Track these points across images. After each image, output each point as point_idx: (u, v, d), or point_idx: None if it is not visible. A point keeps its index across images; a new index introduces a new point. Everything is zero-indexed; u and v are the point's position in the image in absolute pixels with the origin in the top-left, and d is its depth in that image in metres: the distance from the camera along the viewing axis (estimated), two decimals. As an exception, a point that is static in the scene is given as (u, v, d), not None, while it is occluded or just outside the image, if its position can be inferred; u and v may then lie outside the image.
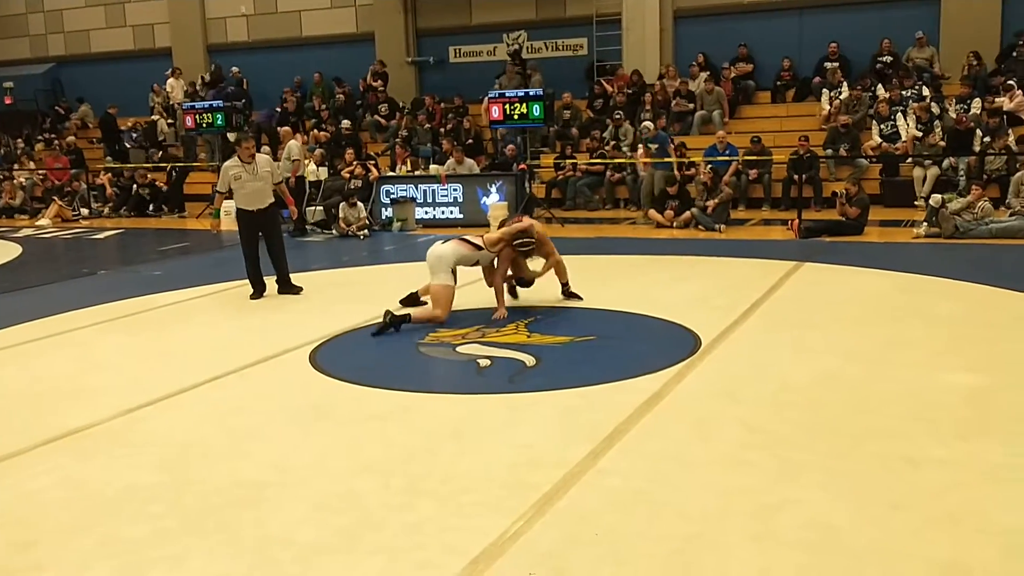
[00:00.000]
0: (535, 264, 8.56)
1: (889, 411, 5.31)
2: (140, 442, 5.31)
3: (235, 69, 21.93)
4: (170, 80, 22.15)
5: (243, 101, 21.29)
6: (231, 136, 18.11)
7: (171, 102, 21.81)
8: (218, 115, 18.47)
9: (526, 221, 8.30)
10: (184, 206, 18.79)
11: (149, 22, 24.19)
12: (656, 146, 14.97)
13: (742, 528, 3.92)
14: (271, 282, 9.47)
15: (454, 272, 7.95)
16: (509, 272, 8.22)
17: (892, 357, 6.42)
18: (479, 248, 8.04)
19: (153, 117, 21.92)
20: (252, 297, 9.23)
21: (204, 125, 18.82)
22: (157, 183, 19.05)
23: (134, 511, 4.34)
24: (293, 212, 10.39)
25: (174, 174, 19.26)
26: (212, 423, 5.59)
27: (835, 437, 4.92)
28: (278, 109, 20.50)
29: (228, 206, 16.59)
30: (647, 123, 15.45)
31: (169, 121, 21.73)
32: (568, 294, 8.59)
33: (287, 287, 9.42)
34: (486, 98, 15.84)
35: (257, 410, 5.81)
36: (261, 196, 9.28)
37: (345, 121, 18.41)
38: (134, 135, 21.66)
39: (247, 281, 9.41)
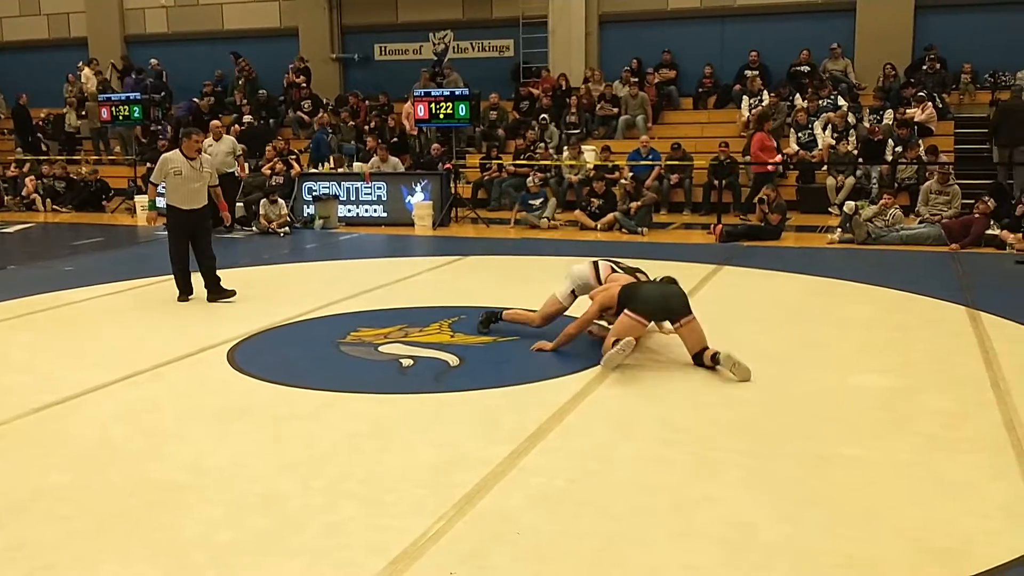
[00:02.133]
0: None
1: (804, 411, 5.45)
2: (50, 442, 5.13)
3: (154, 61, 21.38)
4: (85, 70, 21.48)
5: (163, 94, 20.76)
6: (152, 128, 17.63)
7: (85, 93, 21.14)
8: (135, 107, 17.97)
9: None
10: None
11: (64, 11, 23.42)
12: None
13: (663, 525, 3.97)
14: (198, 284, 8.86)
15: (574, 294, 7.14)
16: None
17: (807, 358, 6.59)
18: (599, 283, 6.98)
19: (63, 110, 21.20)
20: (179, 299, 8.75)
21: (120, 117, 18.27)
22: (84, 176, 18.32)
23: (43, 513, 4.18)
24: (226, 218, 9.81)
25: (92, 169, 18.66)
26: (126, 423, 5.42)
27: (752, 436, 5.03)
28: (196, 100, 20.03)
29: (144, 200, 16.27)
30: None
31: (82, 112, 21.05)
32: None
33: (218, 292, 8.75)
34: (406, 104, 15.75)
35: (173, 409, 5.66)
36: (199, 196, 8.76)
37: (247, 117, 17.88)
38: (42, 125, 20.92)
39: (164, 278, 9.16)
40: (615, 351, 6.11)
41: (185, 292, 8.79)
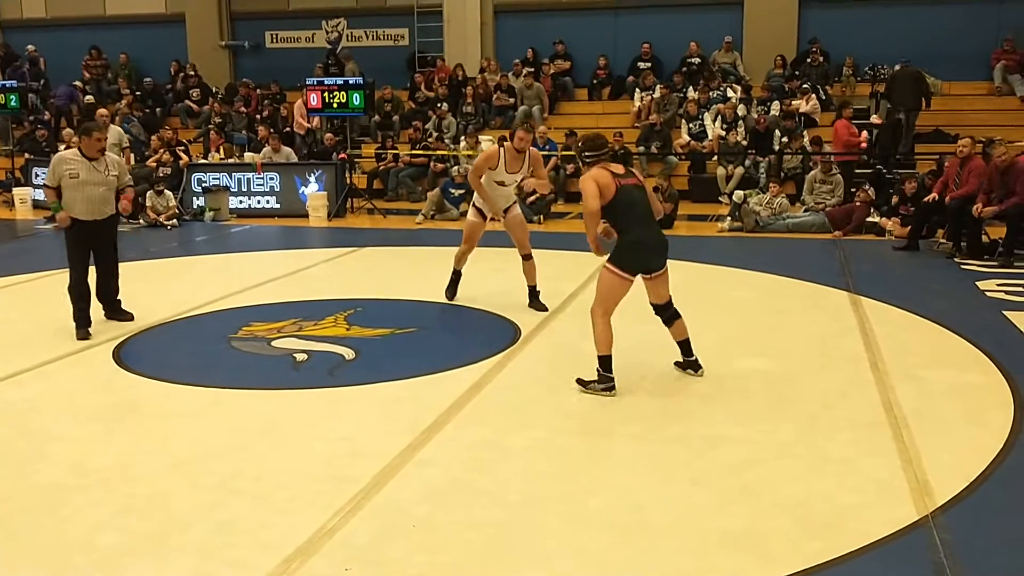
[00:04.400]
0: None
1: (691, 394, 5.62)
2: (-82, 448, 4.88)
3: (31, 47, 20.43)
4: None
5: (40, 82, 19.86)
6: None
7: None
8: (11, 96, 17.13)
9: None
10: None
11: (-68, -8, 22.19)
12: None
13: (556, 511, 4.04)
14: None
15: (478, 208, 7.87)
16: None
17: (694, 343, 6.74)
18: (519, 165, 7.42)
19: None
20: (79, 337, 7.00)
21: (-5, 106, 17.41)
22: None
23: (-90, 524, 3.98)
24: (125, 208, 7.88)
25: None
26: (7, 424, 5.20)
27: (642, 420, 5.15)
28: (77, 84, 19.22)
29: (23, 193, 15.56)
30: None
31: None
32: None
33: (118, 312, 7.55)
34: (297, 102, 15.39)
35: (55, 409, 5.46)
36: (103, 203, 7.24)
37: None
38: None
39: (46, 273, 8.73)
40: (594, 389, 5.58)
41: (83, 325, 7.10)
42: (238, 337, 7.03)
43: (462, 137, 16.67)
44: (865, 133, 14.60)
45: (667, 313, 5.90)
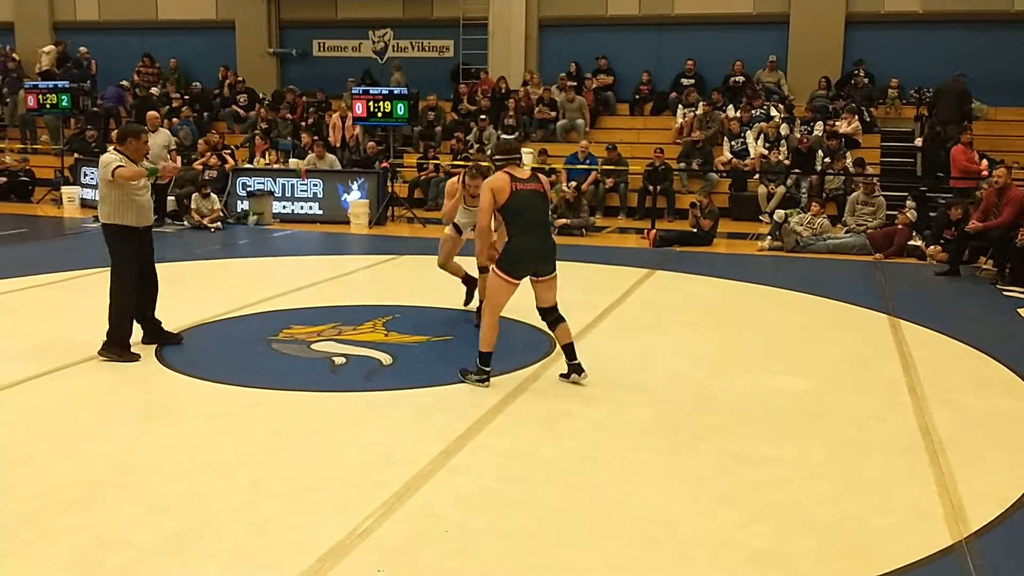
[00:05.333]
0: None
1: (725, 411, 5.60)
2: (-36, 438, 5.02)
3: (83, 49, 20.88)
4: (47, 49, 20.84)
5: (88, 83, 20.29)
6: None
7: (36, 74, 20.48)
8: (63, 96, 17.51)
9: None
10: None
11: (-10, -6, 22.75)
12: None
13: (585, 522, 4.06)
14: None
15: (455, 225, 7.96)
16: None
17: (729, 360, 6.76)
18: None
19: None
20: (125, 358, 6.42)
21: (48, 106, 17.79)
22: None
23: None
24: None
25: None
26: (44, 421, 5.31)
27: (674, 435, 5.15)
28: (124, 83, 19.57)
29: (71, 192, 15.89)
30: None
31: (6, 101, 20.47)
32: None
33: (162, 335, 6.87)
34: (335, 115, 15.44)
35: (96, 406, 5.57)
36: (149, 208, 6.75)
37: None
38: None
39: (89, 271, 8.83)
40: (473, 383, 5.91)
41: (127, 348, 6.51)
42: (278, 339, 7.13)
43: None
44: (985, 161, 13.57)
45: (551, 317, 6.05)
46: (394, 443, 4.98)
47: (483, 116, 17.36)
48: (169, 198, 14.33)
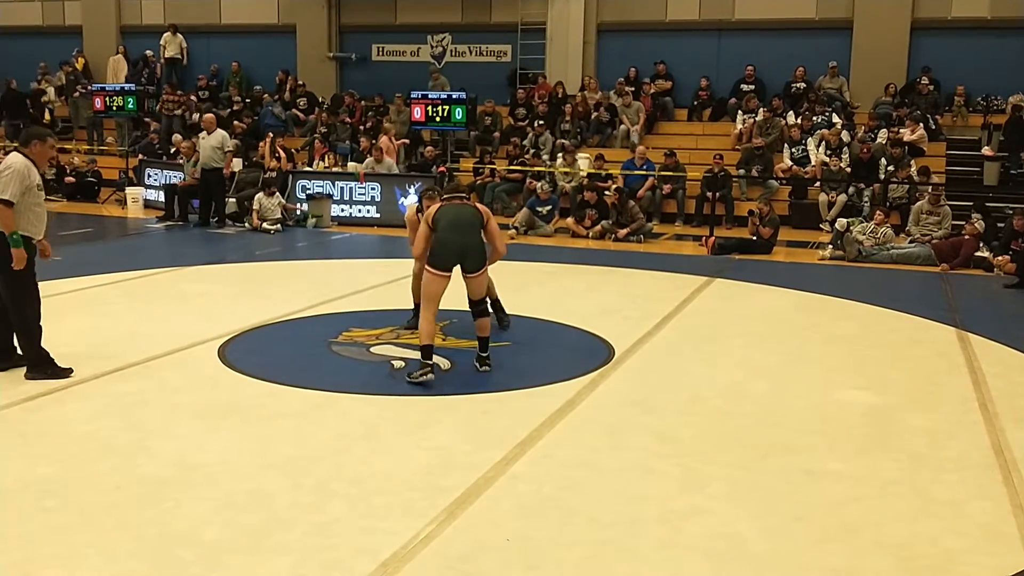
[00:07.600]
0: None
1: (791, 425, 5.49)
2: (34, 433, 5.12)
3: (149, 52, 21.33)
4: (113, 60, 21.39)
5: (153, 86, 20.71)
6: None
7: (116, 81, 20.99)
8: (130, 98, 17.90)
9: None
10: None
11: (60, -2, 23.33)
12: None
13: (651, 535, 4.00)
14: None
15: None
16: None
17: (794, 373, 6.63)
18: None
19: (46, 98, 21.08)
20: (59, 374, 6.06)
21: (114, 108, 18.21)
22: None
23: (26, 505, 4.16)
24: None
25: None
26: (114, 416, 5.41)
27: (740, 449, 5.06)
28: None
29: (135, 193, 16.22)
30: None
31: (57, 102, 20.97)
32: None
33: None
34: (383, 138, 15.59)
35: (162, 404, 5.65)
36: (45, 220, 6.26)
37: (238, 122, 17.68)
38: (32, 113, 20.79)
39: (153, 271, 8.96)
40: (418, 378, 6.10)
41: (52, 362, 6.12)
42: (338, 342, 7.18)
43: (559, 154, 16.70)
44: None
45: (476, 308, 6.55)
46: (454, 448, 4.97)
47: (540, 121, 17.34)
48: (230, 200, 14.55)
